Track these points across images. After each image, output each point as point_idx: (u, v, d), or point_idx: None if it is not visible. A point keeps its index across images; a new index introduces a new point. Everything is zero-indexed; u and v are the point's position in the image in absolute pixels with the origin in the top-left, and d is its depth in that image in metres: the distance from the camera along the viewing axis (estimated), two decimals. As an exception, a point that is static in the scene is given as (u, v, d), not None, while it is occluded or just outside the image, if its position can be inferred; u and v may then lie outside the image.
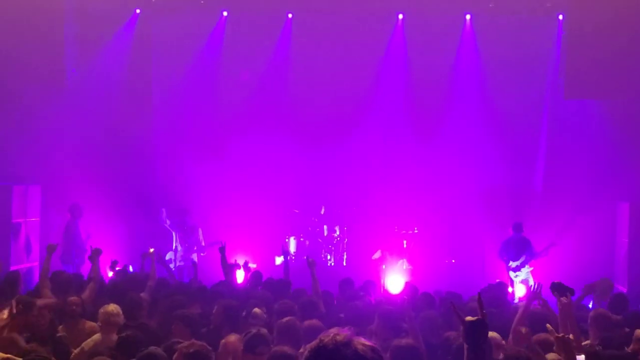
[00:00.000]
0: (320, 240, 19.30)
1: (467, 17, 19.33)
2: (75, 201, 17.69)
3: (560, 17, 18.83)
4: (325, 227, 19.33)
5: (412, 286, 11.81)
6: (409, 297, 10.56)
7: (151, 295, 10.98)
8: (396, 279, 17.16)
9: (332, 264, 19.10)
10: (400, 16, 19.43)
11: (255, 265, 15.81)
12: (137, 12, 19.29)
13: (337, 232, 19.30)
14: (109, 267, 13.76)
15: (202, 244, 18.17)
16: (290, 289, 12.00)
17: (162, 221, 18.41)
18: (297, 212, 19.43)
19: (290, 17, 19.62)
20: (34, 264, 17.63)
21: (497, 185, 18.96)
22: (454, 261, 18.77)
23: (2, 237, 16.89)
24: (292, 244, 19.06)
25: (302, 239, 19.27)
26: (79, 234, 17.37)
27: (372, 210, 19.19)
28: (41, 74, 17.67)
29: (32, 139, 17.91)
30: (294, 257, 18.45)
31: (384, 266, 17.93)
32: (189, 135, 19.69)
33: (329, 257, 19.22)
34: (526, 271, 16.81)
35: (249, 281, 12.71)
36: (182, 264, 17.60)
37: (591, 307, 12.09)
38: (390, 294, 13.81)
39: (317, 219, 19.36)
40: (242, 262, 13.49)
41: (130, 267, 16.43)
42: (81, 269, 15.44)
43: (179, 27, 19.26)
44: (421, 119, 19.33)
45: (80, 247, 17.03)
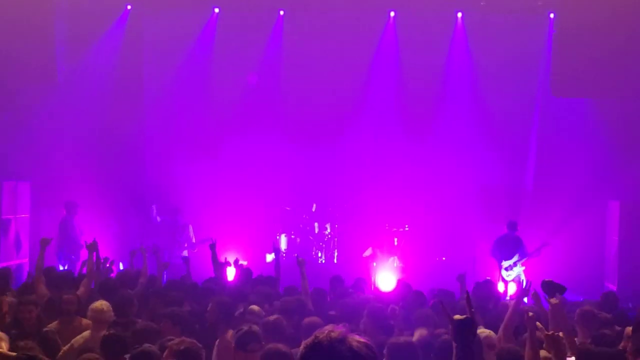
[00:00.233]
0: (311, 237, 19.30)
1: (459, 15, 19.35)
2: (70, 198, 17.66)
3: (551, 15, 18.86)
4: (316, 224, 19.32)
5: (404, 283, 11.80)
6: (400, 294, 10.59)
7: (143, 291, 10.95)
8: (387, 277, 17.15)
9: (323, 261, 19.09)
10: (392, 14, 19.44)
11: (246, 262, 15.79)
12: (128, 8, 19.26)
13: (328, 230, 19.29)
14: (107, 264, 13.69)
15: (193, 241, 18.16)
16: (277, 285, 12.01)
17: (152, 218, 18.39)
18: (288, 209, 19.41)
19: (281, 14, 19.61)
20: (24, 260, 17.60)
21: (488, 183, 18.98)
22: (444, 259, 18.78)
23: (-8, 233, 16.90)
24: (283, 242, 19.06)
25: (293, 237, 19.26)
26: (75, 230, 17.34)
27: (363, 207, 19.18)
28: (32, 71, 17.61)
29: (23, 135, 17.86)
30: (285, 255, 18.44)
31: (375, 264, 17.93)
32: (180, 132, 19.65)
33: (319, 254, 19.21)
34: (518, 270, 16.81)
35: (239, 278, 12.69)
36: (174, 261, 17.55)
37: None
38: (380, 291, 13.79)
39: (308, 217, 19.35)
40: (233, 260, 13.44)
41: (120, 264, 16.43)
42: (77, 265, 15.39)
43: (170, 23, 19.20)
44: (412, 117, 19.34)
45: (75, 244, 16.99)
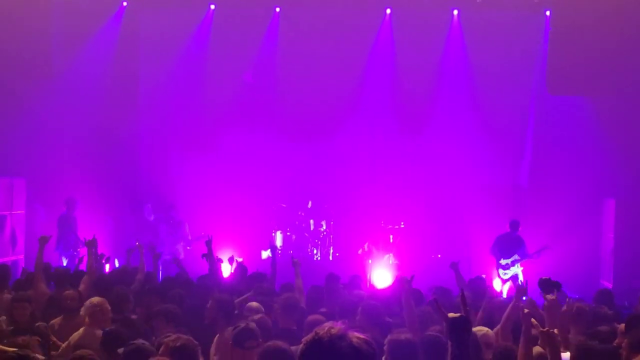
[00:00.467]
0: (306, 234, 19.30)
1: (455, 12, 19.36)
2: (65, 194, 17.64)
3: (547, 13, 18.86)
4: (311, 221, 19.32)
5: (403, 278, 11.72)
6: (399, 290, 10.54)
7: (139, 288, 10.93)
8: (382, 274, 17.18)
9: (319, 258, 19.10)
10: (388, 11, 19.45)
11: (241, 259, 15.79)
12: (124, 4, 19.22)
13: (324, 227, 19.30)
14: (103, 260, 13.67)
15: (189, 237, 18.15)
16: (273, 283, 12.00)
17: (146, 216, 18.36)
18: (284, 206, 19.42)
19: (277, 11, 19.60)
20: (19, 256, 17.56)
21: (483, 180, 19.01)
22: (439, 256, 18.78)
23: (-13, 230, 16.89)
24: (279, 238, 19.06)
25: (288, 233, 19.26)
26: (76, 226, 17.31)
27: (358, 204, 19.18)
28: (28, 67, 17.57)
29: (18, 131, 17.81)
30: (280, 252, 18.43)
31: (370, 261, 17.96)
32: (175, 129, 19.65)
33: (315, 251, 19.22)
34: (515, 270, 16.76)
35: (235, 275, 12.67)
36: (169, 257, 17.54)
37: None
38: (376, 288, 13.77)
39: (303, 213, 19.35)
40: (228, 257, 13.44)
41: (116, 261, 16.42)
42: (76, 260, 15.39)
43: (166, 20, 19.20)
44: (408, 114, 19.36)
45: (77, 240, 16.97)
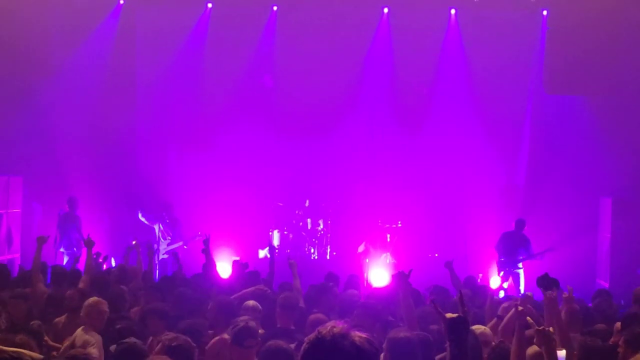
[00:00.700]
0: (304, 233, 19.29)
1: (452, 11, 19.38)
2: (61, 193, 17.63)
3: (544, 12, 18.90)
4: (309, 220, 19.31)
5: (401, 274, 11.69)
6: (397, 286, 10.52)
7: (137, 287, 10.92)
8: (379, 273, 17.19)
9: (316, 257, 19.09)
10: (385, 10, 19.46)
11: (238, 258, 15.78)
12: (121, 2, 19.21)
13: (321, 226, 19.29)
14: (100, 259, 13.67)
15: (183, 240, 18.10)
16: (271, 282, 12.00)
17: (144, 220, 18.26)
18: (281, 205, 19.40)
19: (275, 9, 19.59)
20: (15, 255, 17.53)
21: (480, 180, 19.01)
22: (437, 255, 18.78)
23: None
24: (276, 237, 19.04)
25: (285, 232, 19.24)
26: (80, 225, 17.29)
27: (356, 203, 19.17)
28: (25, 65, 17.57)
29: (15, 129, 17.81)
30: (277, 251, 18.41)
31: (368, 260, 17.95)
32: (172, 127, 19.64)
33: (312, 250, 19.21)
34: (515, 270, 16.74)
35: (234, 275, 12.61)
36: (166, 257, 17.55)
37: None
38: (375, 287, 13.77)
39: (301, 212, 19.35)
40: (231, 259, 13.43)
41: (112, 260, 16.41)
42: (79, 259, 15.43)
43: (163, 18, 19.20)
44: (406, 113, 19.37)
45: (80, 238, 16.96)
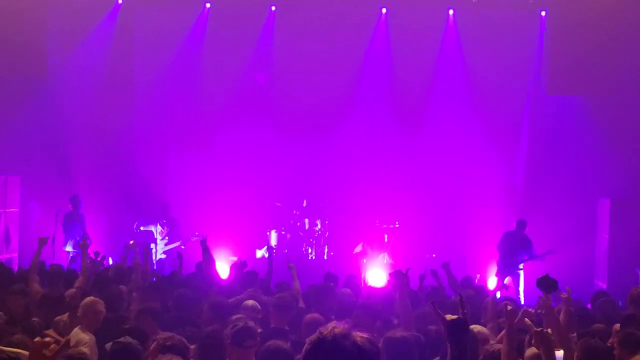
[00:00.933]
0: (301, 233, 19.29)
1: (450, 12, 19.36)
2: (60, 192, 17.63)
3: (543, 13, 18.92)
4: (306, 220, 19.31)
5: (399, 272, 11.67)
6: (394, 284, 10.50)
7: (135, 287, 10.89)
8: (377, 273, 17.18)
9: (313, 257, 19.09)
10: (383, 10, 19.44)
11: (236, 258, 15.78)
12: (119, 2, 19.19)
13: (319, 226, 19.29)
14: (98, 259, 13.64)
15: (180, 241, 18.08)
16: (269, 283, 11.99)
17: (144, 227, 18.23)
18: (279, 205, 19.39)
19: (273, 9, 19.57)
20: (13, 254, 17.51)
21: (479, 180, 18.99)
22: (434, 256, 18.76)
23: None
24: (274, 237, 19.03)
25: (283, 232, 19.24)
26: (84, 224, 17.25)
27: (353, 204, 19.17)
28: (23, 64, 17.56)
29: (13, 129, 17.79)
30: (275, 251, 18.40)
31: (365, 260, 17.95)
32: (171, 127, 19.65)
33: (310, 250, 19.21)
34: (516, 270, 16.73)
35: (232, 275, 12.59)
36: (164, 257, 17.53)
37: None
38: (374, 287, 13.76)
39: (298, 212, 19.34)
40: (232, 261, 13.43)
41: (110, 259, 16.38)
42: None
43: (161, 18, 19.19)
44: (404, 114, 19.37)
45: (85, 237, 16.95)
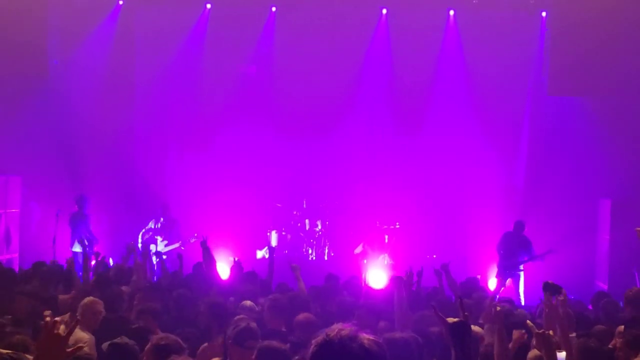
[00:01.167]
0: (301, 234, 19.29)
1: (451, 12, 19.35)
2: (59, 193, 17.64)
3: (543, 14, 18.92)
4: (307, 221, 19.31)
5: (400, 280, 11.67)
6: (396, 289, 10.49)
7: (136, 288, 10.89)
8: (377, 274, 17.17)
9: (314, 258, 19.08)
10: (384, 11, 19.42)
11: (237, 258, 15.76)
12: (120, 3, 19.19)
13: (319, 227, 19.28)
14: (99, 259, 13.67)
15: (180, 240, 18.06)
16: (270, 284, 11.96)
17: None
18: (279, 205, 19.39)
19: (273, 10, 19.57)
20: (14, 255, 17.52)
21: (479, 181, 18.99)
22: (435, 256, 18.73)
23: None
24: (274, 238, 19.02)
25: (283, 233, 19.24)
26: (89, 224, 17.26)
27: (354, 204, 19.15)
28: (24, 65, 17.57)
29: (14, 129, 17.79)
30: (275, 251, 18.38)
31: (365, 261, 17.94)
32: (171, 128, 19.64)
33: (310, 251, 19.21)
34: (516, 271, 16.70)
35: (232, 275, 12.59)
36: (165, 257, 17.49)
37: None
38: (373, 288, 13.75)
39: (299, 213, 19.34)
40: (230, 260, 13.41)
41: (110, 260, 16.38)
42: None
43: (162, 18, 19.19)
44: (405, 114, 19.35)
45: (91, 237, 16.98)
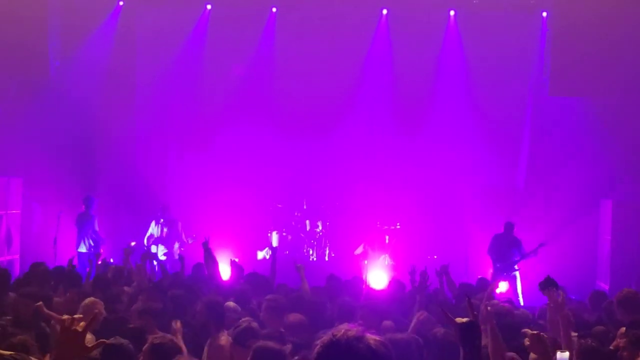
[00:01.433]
0: (302, 235, 19.29)
1: (451, 13, 19.34)
2: (61, 194, 17.67)
3: (544, 14, 18.91)
4: (307, 221, 19.31)
5: (397, 282, 11.72)
6: (393, 293, 10.52)
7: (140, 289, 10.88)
8: (378, 275, 17.16)
9: (314, 259, 19.08)
10: (384, 11, 19.43)
11: (237, 259, 15.75)
12: (120, 4, 19.19)
13: (320, 227, 19.29)
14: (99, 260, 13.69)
15: (183, 237, 18.07)
16: (272, 285, 11.95)
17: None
18: (280, 206, 19.39)
19: (274, 11, 19.57)
20: (15, 256, 17.51)
21: (480, 181, 18.99)
22: (436, 257, 18.71)
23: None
24: (275, 239, 19.01)
25: (284, 234, 19.23)
26: (95, 224, 17.28)
27: (354, 205, 19.15)
28: (25, 66, 17.59)
29: (15, 131, 17.78)
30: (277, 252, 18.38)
31: (366, 261, 17.93)
32: (172, 128, 19.66)
33: (311, 252, 19.21)
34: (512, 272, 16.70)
35: (232, 276, 12.59)
36: (164, 258, 17.52)
37: None
38: (373, 290, 13.76)
39: (299, 214, 19.34)
40: (229, 260, 13.40)
41: (111, 260, 16.38)
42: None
43: (162, 19, 19.20)
44: (405, 115, 19.33)
45: (97, 238, 16.98)
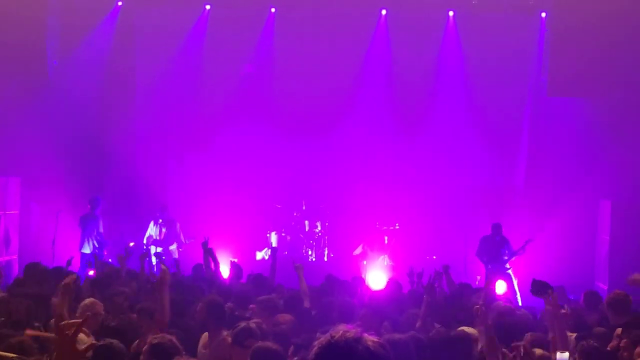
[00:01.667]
0: (301, 235, 19.29)
1: (450, 13, 19.36)
2: (60, 194, 17.68)
3: (543, 14, 18.94)
4: (306, 222, 19.31)
5: (395, 282, 11.73)
6: (391, 294, 10.52)
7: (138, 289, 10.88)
8: (377, 275, 17.16)
9: (313, 259, 19.08)
10: (383, 12, 19.45)
11: (236, 259, 15.76)
12: (119, 4, 19.19)
13: (319, 228, 19.29)
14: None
15: (181, 238, 18.07)
16: (272, 286, 11.95)
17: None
18: (279, 206, 19.39)
19: (273, 11, 19.57)
20: (13, 257, 17.50)
21: (479, 182, 19.01)
22: (434, 257, 18.72)
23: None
24: (274, 239, 19.02)
25: (283, 234, 19.23)
26: (99, 225, 17.29)
27: (353, 205, 19.15)
28: (23, 66, 17.57)
29: (13, 131, 17.77)
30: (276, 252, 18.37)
31: (365, 262, 17.94)
32: (171, 129, 19.65)
33: (310, 252, 19.20)
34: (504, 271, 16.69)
35: (231, 276, 12.61)
36: (164, 257, 17.50)
37: None
38: (372, 290, 13.75)
39: (298, 214, 19.33)
40: (229, 260, 13.42)
41: (109, 260, 16.37)
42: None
43: (161, 19, 19.21)
44: (404, 115, 19.35)
45: (101, 239, 16.98)
